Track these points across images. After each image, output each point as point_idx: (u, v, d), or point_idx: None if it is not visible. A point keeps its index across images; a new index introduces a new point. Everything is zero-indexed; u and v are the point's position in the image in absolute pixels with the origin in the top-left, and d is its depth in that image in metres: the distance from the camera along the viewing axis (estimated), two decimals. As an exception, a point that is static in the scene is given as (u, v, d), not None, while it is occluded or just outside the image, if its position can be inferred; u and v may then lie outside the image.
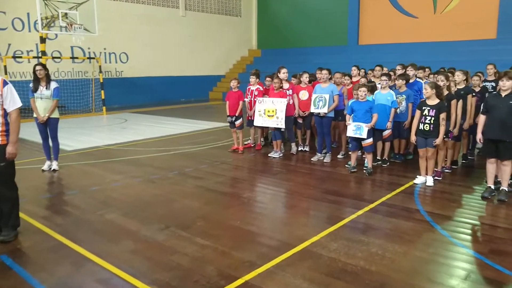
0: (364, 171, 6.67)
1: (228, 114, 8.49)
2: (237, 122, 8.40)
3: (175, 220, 4.72)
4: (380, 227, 4.48)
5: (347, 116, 6.78)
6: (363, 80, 7.76)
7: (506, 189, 5.36)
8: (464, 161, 7.40)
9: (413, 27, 19.02)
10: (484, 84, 7.65)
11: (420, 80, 7.44)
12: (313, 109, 7.51)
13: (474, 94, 6.96)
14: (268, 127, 8.45)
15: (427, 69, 8.80)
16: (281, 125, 7.70)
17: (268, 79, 8.76)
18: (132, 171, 6.97)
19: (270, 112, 7.80)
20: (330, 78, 7.70)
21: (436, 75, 7.88)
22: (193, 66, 21.76)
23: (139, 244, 4.13)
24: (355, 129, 6.52)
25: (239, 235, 4.31)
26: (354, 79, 8.59)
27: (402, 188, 5.91)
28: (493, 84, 7.95)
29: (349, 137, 6.83)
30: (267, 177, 6.66)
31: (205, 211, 5.04)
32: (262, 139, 9.14)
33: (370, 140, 6.57)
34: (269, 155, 8.08)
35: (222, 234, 4.34)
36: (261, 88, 8.63)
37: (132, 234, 4.38)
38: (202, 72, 22.34)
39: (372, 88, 6.64)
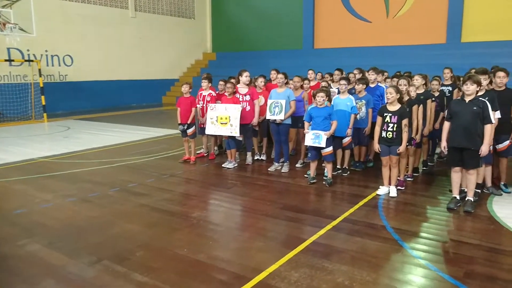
0: (324, 182, 6.24)
1: (179, 121, 7.83)
2: (189, 131, 7.76)
3: (111, 251, 4.02)
4: (345, 249, 4.02)
5: (305, 124, 6.33)
6: (324, 84, 7.36)
7: (472, 199, 5.09)
8: (424, 168, 7.17)
9: (367, 31, 19.15)
10: (441, 88, 7.48)
11: (382, 85, 7.14)
12: (268, 116, 7.01)
13: (433, 99, 6.74)
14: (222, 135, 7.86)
15: (385, 73, 8.58)
16: (235, 133, 7.13)
17: (221, 83, 8.18)
18: (67, 189, 6.14)
19: (223, 120, 7.21)
20: (287, 83, 7.24)
21: (394, 79, 7.69)
22: (144, 69, 20.78)
23: (62, 284, 3.41)
24: (314, 137, 6.08)
25: (185, 267, 3.68)
26: (311, 83, 8.24)
27: (365, 200, 5.52)
28: (450, 88, 7.83)
29: (308, 145, 6.38)
30: (220, 192, 6.06)
31: (147, 237, 4.37)
32: (215, 148, 8.54)
33: (330, 148, 6.16)
34: (223, 165, 7.49)
35: (165, 266, 3.70)
36: (213, 93, 8.04)
37: (56, 270, 3.65)
38: (155, 76, 21.41)
39: (329, 93, 6.23)
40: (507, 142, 5.55)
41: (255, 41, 22.59)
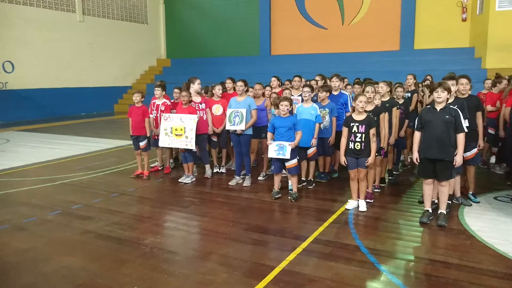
0: (290, 197, 5.82)
1: (131, 133, 7.18)
2: (142, 143, 7.11)
3: (44, 294, 3.36)
4: (319, 277, 3.59)
5: (269, 134, 5.89)
6: (287, 92, 6.98)
7: (445, 212, 4.85)
8: (390, 178, 6.94)
9: (323, 38, 19.17)
10: (404, 95, 7.32)
11: (346, 92, 6.86)
12: (228, 126, 6.52)
13: (398, 106, 6.54)
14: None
15: (345, 80, 8.37)
16: (191, 145, 6.58)
17: (176, 91, 7.61)
18: (-3, 214, 5.34)
19: (178, 131, 6.64)
20: (247, 91, 6.79)
21: (356, 86, 7.45)
22: (94, 76, 19.66)
23: None
24: (278, 149, 5.66)
25: (134, 312, 3.10)
26: (275, 91, 7.86)
27: (334, 216, 5.14)
28: (409, 94, 7.71)
29: (272, 158, 5.94)
30: (176, 212, 5.48)
31: (90, 273, 3.73)
32: (171, 161, 7.93)
33: (295, 161, 5.76)
34: (179, 180, 6.91)
35: (111, 312, 3.10)
36: (168, 102, 7.45)
37: (-29, 326, 2.95)
38: (106, 83, 20.31)
39: (291, 101, 5.84)
40: (474, 150, 5.39)
41: (212, 47, 22.06)
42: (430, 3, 16.72)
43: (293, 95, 7.28)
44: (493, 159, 7.82)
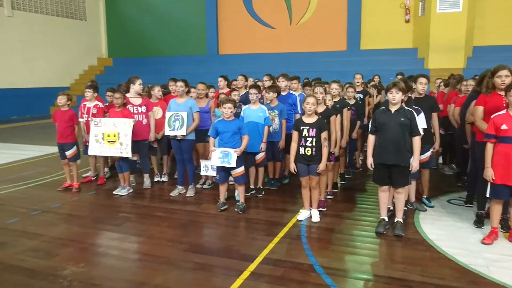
0: (237, 209, 5.30)
1: (57, 141, 6.35)
2: (69, 152, 6.31)
3: None
4: (269, 308, 3.10)
5: (211, 140, 5.34)
6: (236, 94, 6.46)
7: (402, 221, 4.55)
8: (343, 182, 6.63)
9: (271, 38, 18.88)
10: (356, 95, 7.06)
11: (294, 93, 6.46)
12: (168, 131, 5.90)
13: (349, 107, 6.22)
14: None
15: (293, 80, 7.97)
16: (127, 153, 5.88)
17: (109, 93, 6.84)
18: None
19: (110, 137, 5.91)
20: (188, 92, 6.18)
21: (306, 88, 7.10)
22: (27, 76, 18.07)
23: None
24: (222, 156, 5.12)
25: None
26: (222, 91, 7.33)
27: (285, 229, 4.69)
28: (361, 95, 7.49)
29: (216, 166, 5.39)
30: (107, 232, 4.78)
31: (-14, 320, 3.00)
32: (106, 170, 7.15)
33: (242, 168, 5.25)
34: (114, 192, 6.18)
35: None
36: (101, 105, 6.68)
37: None
38: (40, 84, 18.75)
39: (235, 103, 5.33)
40: (429, 153, 5.16)
41: (157, 46, 21.07)
42: (375, 4, 16.93)
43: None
44: (440, 160, 7.77)
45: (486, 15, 14.95)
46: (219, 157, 5.12)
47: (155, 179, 6.84)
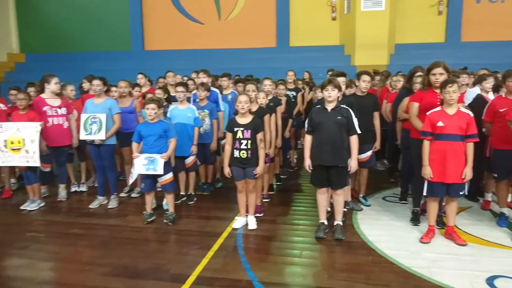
0: (165, 220, 4.80)
1: None
2: (-38, 163, 5.35)
3: None
4: None
5: (134, 145, 4.76)
6: (158, 92, 5.89)
7: (341, 224, 4.36)
8: (278, 183, 6.38)
9: (200, 33, 18.26)
10: (288, 92, 6.84)
11: (216, 90, 6.05)
12: (83, 136, 5.21)
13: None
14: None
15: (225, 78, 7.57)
16: (34, 162, 5.11)
17: (13, 92, 5.96)
18: None
19: (14, 144, 5.09)
20: (107, 91, 5.53)
21: (239, 85, 6.75)
22: None
23: None
24: (147, 163, 4.58)
25: None
26: (143, 89, 6.73)
27: (220, 240, 4.29)
28: (294, 93, 7.29)
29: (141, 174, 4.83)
30: (10, 257, 4.03)
31: None
32: (13, 181, 6.24)
33: (170, 175, 4.75)
34: (21, 207, 5.35)
35: None
36: (3, 107, 5.78)
37: None
38: None
39: (160, 103, 4.80)
40: (369, 152, 5.06)
41: (76, 41, 19.43)
42: (303, 1, 17.04)
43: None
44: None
45: (406, 14, 15.67)
46: (143, 164, 4.58)
47: (72, 189, 6.09)
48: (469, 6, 15.43)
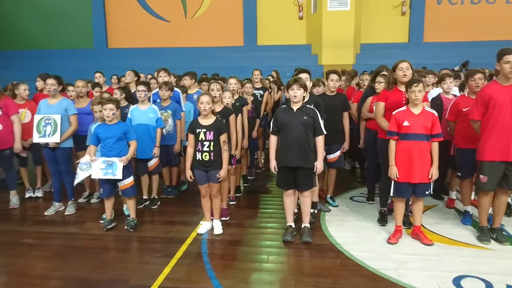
0: (127, 227, 4.55)
1: None
2: None
3: None
4: None
5: (91, 148, 4.49)
6: (117, 92, 5.61)
7: (309, 226, 4.27)
8: (246, 185, 6.24)
9: (166, 31, 17.88)
10: (255, 92, 6.71)
11: (178, 90, 5.84)
12: (37, 139, 4.88)
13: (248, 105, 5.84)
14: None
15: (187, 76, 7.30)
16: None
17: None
18: None
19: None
20: (63, 90, 5.21)
21: (204, 84, 6.55)
22: None
23: None
24: (105, 167, 4.32)
25: None
26: (102, 88, 6.43)
27: (184, 247, 4.10)
28: (261, 92, 7.16)
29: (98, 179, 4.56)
30: (-49, 273, 3.70)
31: None
32: (-40, 188, 5.79)
33: (130, 179, 4.51)
34: (-32, 217, 4.97)
35: None
36: None
37: None
38: None
39: (118, 103, 4.55)
40: (338, 153, 4.99)
41: (35, 38, 18.60)
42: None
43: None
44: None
45: (371, 15, 15.89)
46: (101, 168, 4.32)
47: (27, 195, 5.73)
48: (431, 8, 15.83)
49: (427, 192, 4.00)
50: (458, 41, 15.19)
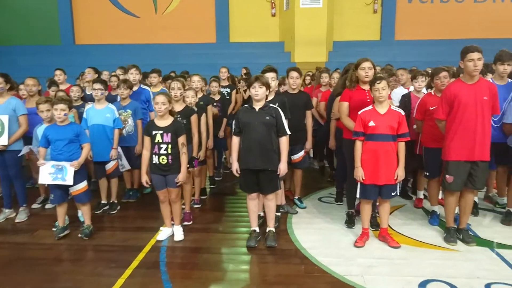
0: (81, 235, 4.27)
1: None
2: None
3: None
4: None
5: (41, 151, 4.18)
6: (76, 89, 5.31)
7: (274, 230, 4.10)
8: (212, 186, 6.03)
9: (135, 28, 17.38)
10: (222, 90, 6.51)
11: (147, 88, 5.58)
12: (-18, 141, 4.53)
13: (214, 103, 5.63)
14: None
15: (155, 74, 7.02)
16: None
17: None
18: None
19: None
20: (11, 89, 4.85)
21: (170, 82, 6.28)
22: None
23: None
24: (54, 171, 4.03)
25: None
26: (61, 87, 6.10)
27: (141, 256, 3.86)
28: (228, 90, 6.96)
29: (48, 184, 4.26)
30: None
31: None
32: None
33: (84, 184, 4.22)
34: None
35: None
36: None
37: None
38: None
39: (71, 103, 4.26)
40: (302, 153, 4.84)
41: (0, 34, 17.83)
42: (242, -4, 16.76)
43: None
44: (311, 153, 7.70)
45: (344, 12, 15.88)
46: (50, 173, 4.01)
47: (-24, 202, 5.34)
48: (402, 6, 15.92)
49: (393, 194, 3.90)
50: (429, 39, 15.35)
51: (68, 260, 3.89)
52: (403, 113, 3.86)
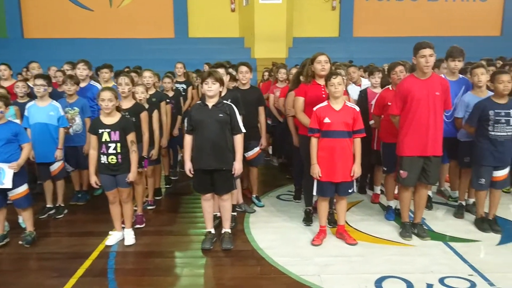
0: (21, 242, 3.95)
1: None
2: None
3: None
4: None
5: (-25, 153, 3.83)
6: (21, 85, 4.93)
7: (230, 231, 3.96)
8: (168, 186, 5.81)
9: (89, 21, 16.69)
10: (175, 86, 6.28)
11: (97, 84, 5.28)
12: None
13: (168, 100, 5.41)
14: None
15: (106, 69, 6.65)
16: None
17: None
18: None
19: None
20: None
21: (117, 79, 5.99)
22: None
23: None
24: (-10, 174, 3.71)
25: None
26: (5, 84, 5.67)
27: (88, 263, 3.61)
28: (184, 86, 6.75)
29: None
30: None
31: None
32: None
33: (23, 188, 3.91)
34: None
35: None
36: None
37: None
38: None
39: (8, 100, 3.92)
40: (257, 149, 4.71)
41: None
42: (201, -10, 16.44)
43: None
44: (270, 150, 7.62)
45: (303, 8, 15.93)
46: (-16, 176, 3.69)
47: None
48: (359, 3, 16.17)
49: (350, 191, 3.86)
50: (386, 36, 15.67)
51: (6, 271, 3.58)
52: (358, 109, 3.82)
